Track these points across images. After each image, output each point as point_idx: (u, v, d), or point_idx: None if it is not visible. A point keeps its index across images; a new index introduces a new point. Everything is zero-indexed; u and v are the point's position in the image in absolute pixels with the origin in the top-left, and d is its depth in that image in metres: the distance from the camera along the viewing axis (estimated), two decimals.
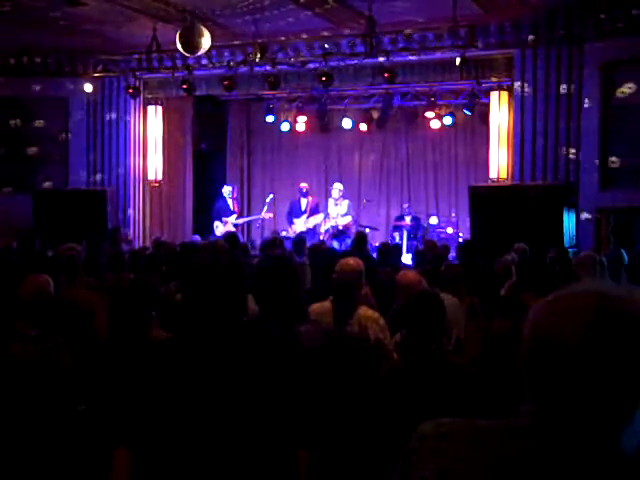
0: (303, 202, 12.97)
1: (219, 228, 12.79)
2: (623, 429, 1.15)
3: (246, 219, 14.44)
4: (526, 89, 10.25)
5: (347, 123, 14.42)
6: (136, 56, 11.87)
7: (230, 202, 13.21)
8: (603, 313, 1.16)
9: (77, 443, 2.35)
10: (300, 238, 9.21)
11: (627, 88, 9.61)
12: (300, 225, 12.74)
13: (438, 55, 10.58)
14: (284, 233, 12.49)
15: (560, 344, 1.16)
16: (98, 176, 12.70)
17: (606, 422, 1.16)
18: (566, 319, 1.17)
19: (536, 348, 1.19)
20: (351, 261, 4.25)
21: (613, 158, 9.69)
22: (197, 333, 2.25)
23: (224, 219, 12.95)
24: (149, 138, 12.81)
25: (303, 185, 13.23)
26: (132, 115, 12.61)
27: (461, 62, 9.80)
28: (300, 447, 2.20)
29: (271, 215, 13.62)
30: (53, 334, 2.86)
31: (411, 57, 10.71)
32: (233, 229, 12.44)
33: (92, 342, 3.67)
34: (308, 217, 12.78)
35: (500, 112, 11.14)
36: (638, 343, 1.14)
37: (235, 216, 13.16)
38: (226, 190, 13.33)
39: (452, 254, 9.18)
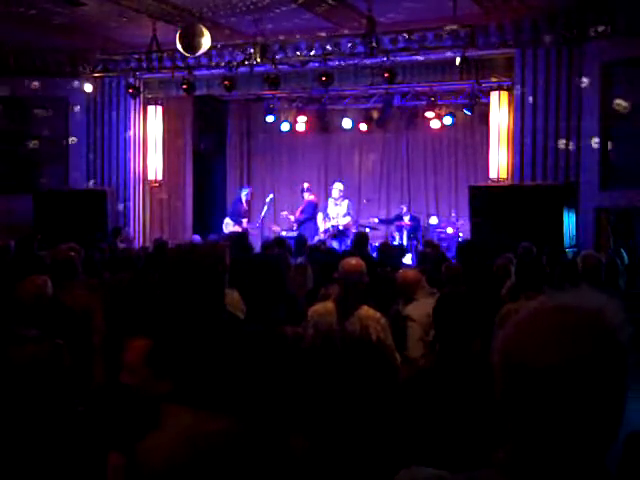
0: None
1: (228, 227, 12.77)
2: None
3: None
4: (526, 89, 10.24)
5: (347, 123, 14.43)
6: (136, 56, 11.87)
7: (244, 204, 13.21)
8: (570, 330, 1.07)
9: (77, 444, 2.34)
10: (301, 237, 9.20)
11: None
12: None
13: (438, 55, 10.57)
14: (284, 233, 12.49)
15: (530, 367, 1.06)
16: (98, 176, 12.70)
17: (588, 452, 1.07)
18: (533, 340, 1.08)
19: (508, 374, 1.10)
20: (353, 261, 4.26)
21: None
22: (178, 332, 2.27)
23: (241, 220, 12.91)
24: (149, 138, 12.80)
25: (304, 185, 13.32)
26: (132, 115, 12.61)
27: (461, 62, 9.79)
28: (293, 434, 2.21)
29: (278, 229, 13.47)
30: (52, 335, 2.85)
31: (411, 57, 10.70)
32: (239, 229, 12.43)
33: (90, 343, 3.66)
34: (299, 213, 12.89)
35: (500, 112, 11.14)
36: (609, 357, 1.05)
37: (245, 220, 13.09)
38: (243, 192, 13.36)
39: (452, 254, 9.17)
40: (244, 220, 12.95)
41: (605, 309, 1.07)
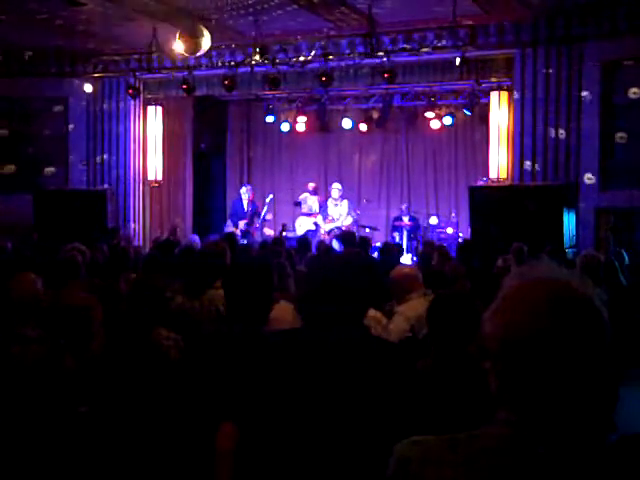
0: (310, 200, 13.05)
1: (228, 228, 12.72)
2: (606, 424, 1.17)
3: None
4: (526, 89, 10.25)
5: (347, 123, 14.42)
6: (136, 56, 11.86)
7: (245, 204, 13.08)
8: (555, 299, 1.18)
9: (78, 445, 2.35)
10: (305, 238, 9.16)
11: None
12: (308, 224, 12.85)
13: (438, 55, 10.57)
14: (284, 233, 12.48)
15: (525, 338, 1.17)
16: (98, 176, 12.70)
17: (586, 415, 1.17)
18: (524, 313, 1.18)
19: (503, 347, 1.20)
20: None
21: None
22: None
23: (239, 222, 12.79)
24: (149, 138, 12.80)
25: (311, 185, 13.32)
26: (132, 115, 12.60)
27: (461, 62, 9.79)
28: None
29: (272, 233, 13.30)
30: (54, 335, 2.86)
31: (411, 57, 10.70)
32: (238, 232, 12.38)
33: (92, 344, 3.66)
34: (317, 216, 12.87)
35: (500, 112, 11.14)
36: (587, 321, 1.17)
37: (244, 222, 12.90)
38: (242, 190, 13.30)
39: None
40: (241, 222, 12.77)
41: (575, 280, 1.21)
